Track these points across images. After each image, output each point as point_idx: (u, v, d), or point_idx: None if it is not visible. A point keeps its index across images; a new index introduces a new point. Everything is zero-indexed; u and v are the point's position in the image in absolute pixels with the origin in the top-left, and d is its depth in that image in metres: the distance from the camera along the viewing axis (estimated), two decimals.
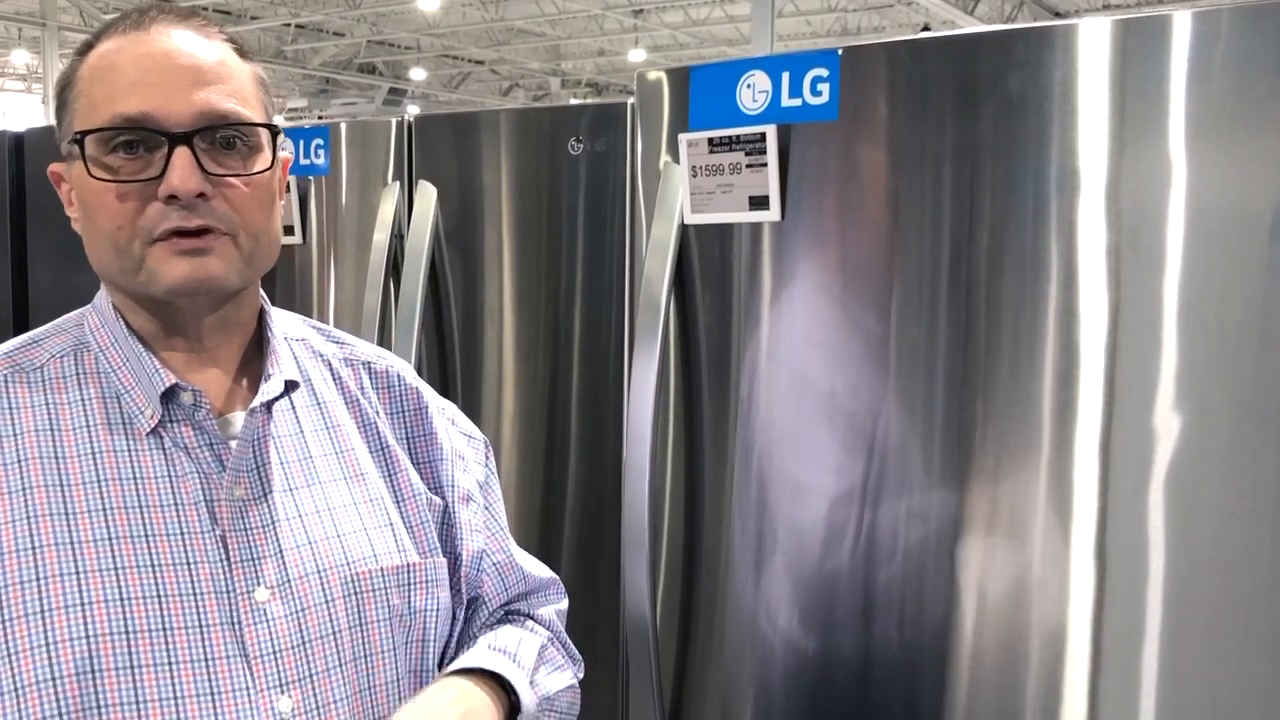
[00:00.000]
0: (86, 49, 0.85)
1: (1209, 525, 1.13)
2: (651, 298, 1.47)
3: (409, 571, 0.90)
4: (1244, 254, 1.10)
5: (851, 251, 1.34)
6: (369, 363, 0.98)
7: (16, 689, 0.75)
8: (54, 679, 0.75)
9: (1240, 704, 1.12)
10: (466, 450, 1.02)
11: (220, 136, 0.81)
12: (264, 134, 0.84)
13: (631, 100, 1.60)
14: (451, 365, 1.93)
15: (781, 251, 1.40)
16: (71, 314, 0.91)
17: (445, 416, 1.01)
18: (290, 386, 0.89)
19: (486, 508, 1.01)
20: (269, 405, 0.87)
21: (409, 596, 0.89)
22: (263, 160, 0.84)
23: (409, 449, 0.97)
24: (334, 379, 0.95)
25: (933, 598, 1.30)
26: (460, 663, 0.91)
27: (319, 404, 0.93)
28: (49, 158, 0.88)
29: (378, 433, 0.95)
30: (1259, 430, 1.10)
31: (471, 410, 1.91)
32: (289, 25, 13.80)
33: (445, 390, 1.94)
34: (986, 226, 1.24)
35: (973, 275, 1.25)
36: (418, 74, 16.93)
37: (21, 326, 2.61)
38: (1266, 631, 1.11)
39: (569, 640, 1.06)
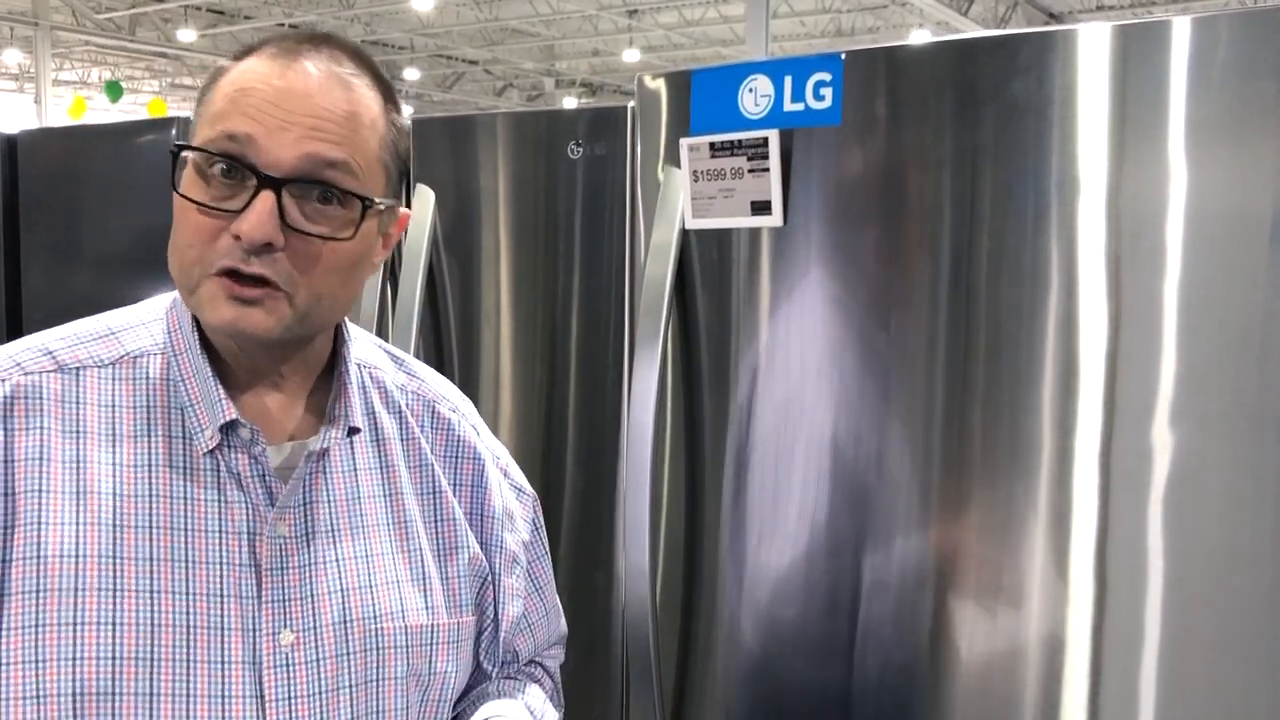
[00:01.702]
0: (244, 54, 0.83)
1: (1211, 534, 1.13)
2: (653, 303, 1.46)
3: (433, 631, 0.89)
4: (1245, 259, 1.10)
5: (852, 257, 1.34)
6: (434, 403, 0.96)
7: (39, 696, 0.75)
8: (75, 695, 0.75)
9: (1241, 718, 1.12)
10: (515, 506, 1.00)
11: (317, 192, 0.79)
12: (360, 205, 0.81)
13: (631, 104, 1.60)
14: (449, 370, 1.93)
15: (782, 256, 1.39)
16: (156, 302, 0.89)
17: (498, 467, 0.99)
18: (352, 432, 0.87)
19: (530, 564, 1.01)
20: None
21: (430, 657, 0.88)
22: (348, 229, 0.80)
23: (460, 498, 0.95)
24: (397, 415, 0.93)
25: (931, 607, 1.29)
26: (496, 712, 0.91)
27: (377, 441, 0.91)
28: (42, 160, 0.87)
29: (432, 475, 0.93)
30: (1261, 437, 1.10)
31: None
32: (283, 25, 13.77)
33: None
34: (987, 231, 1.24)
35: (973, 281, 1.25)
36: (411, 74, 16.91)
37: (14, 328, 2.59)
38: (1269, 643, 1.11)
39: (560, 688, 1.08)
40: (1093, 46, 1.16)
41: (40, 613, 0.75)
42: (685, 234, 1.47)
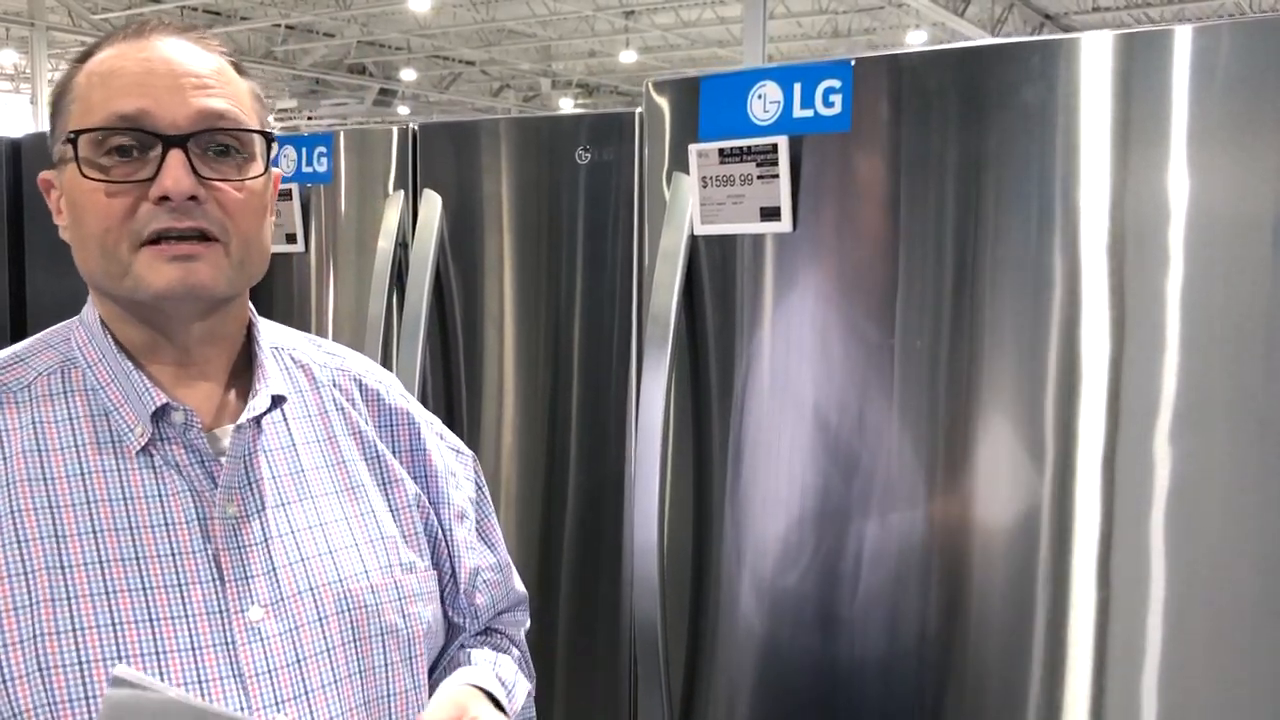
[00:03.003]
0: (84, 58, 0.85)
1: (1215, 539, 1.13)
2: (661, 308, 1.47)
3: (399, 588, 0.90)
4: (1248, 265, 1.11)
5: (859, 262, 1.35)
6: (359, 377, 0.98)
7: (14, 714, 0.75)
8: (50, 704, 0.75)
9: None
10: (456, 466, 1.02)
11: (215, 142, 0.82)
12: (259, 142, 0.85)
13: (638, 109, 1.61)
14: (456, 373, 1.93)
15: (788, 261, 1.40)
16: (58, 327, 0.90)
17: (434, 431, 1.01)
18: (277, 401, 0.88)
19: (479, 522, 1.02)
20: (258, 420, 0.87)
21: (402, 611, 0.89)
22: (256, 167, 0.84)
23: (401, 462, 0.96)
24: (327, 390, 0.95)
25: (935, 610, 1.30)
26: (470, 680, 0.93)
27: (310, 415, 0.92)
28: (46, 163, 0.87)
29: (371, 442, 0.94)
30: (1264, 441, 1.10)
31: (473, 419, 1.91)
32: (279, 26, 13.75)
33: (449, 400, 1.94)
34: (992, 237, 1.25)
35: (978, 286, 1.26)
36: (408, 75, 16.88)
37: (19, 329, 2.60)
38: (1273, 649, 1.11)
39: (529, 657, 1.10)
40: (1096, 54, 1.18)
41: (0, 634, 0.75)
42: (693, 239, 1.48)
